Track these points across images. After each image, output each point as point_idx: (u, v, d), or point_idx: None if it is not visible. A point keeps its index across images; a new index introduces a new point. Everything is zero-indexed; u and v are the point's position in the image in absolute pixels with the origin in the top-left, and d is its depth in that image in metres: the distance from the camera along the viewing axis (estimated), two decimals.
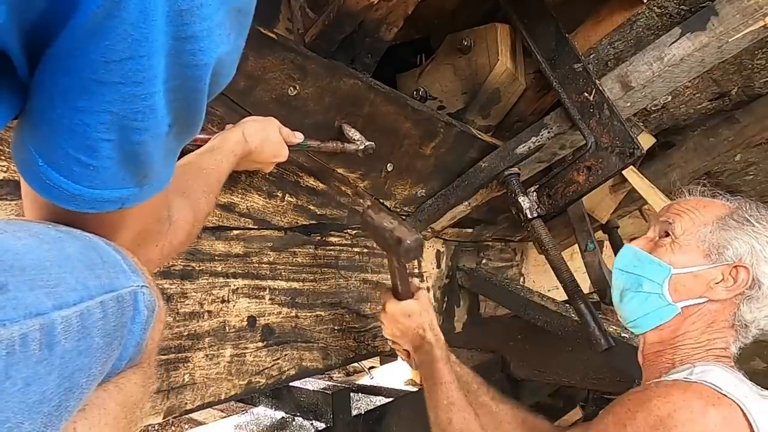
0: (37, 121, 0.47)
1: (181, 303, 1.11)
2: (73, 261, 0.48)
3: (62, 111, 0.45)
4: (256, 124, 1.01)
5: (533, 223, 1.64)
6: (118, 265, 0.53)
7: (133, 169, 0.50)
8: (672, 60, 1.52)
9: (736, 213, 1.08)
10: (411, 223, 1.78)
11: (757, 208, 1.10)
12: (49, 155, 0.48)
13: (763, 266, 1.03)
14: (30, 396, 0.40)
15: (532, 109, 1.84)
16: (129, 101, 0.45)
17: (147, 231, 0.64)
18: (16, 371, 0.39)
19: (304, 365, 1.40)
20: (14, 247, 0.43)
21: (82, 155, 0.47)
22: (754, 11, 1.42)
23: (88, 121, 0.45)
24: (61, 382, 0.43)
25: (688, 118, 2.42)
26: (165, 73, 0.45)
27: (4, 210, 0.85)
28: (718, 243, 1.06)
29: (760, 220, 1.07)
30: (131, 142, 0.47)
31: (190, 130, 0.54)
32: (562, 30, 1.58)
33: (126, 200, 0.52)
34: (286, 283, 1.36)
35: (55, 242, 0.48)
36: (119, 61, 0.43)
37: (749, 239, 1.04)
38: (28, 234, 0.47)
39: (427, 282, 1.93)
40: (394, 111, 1.37)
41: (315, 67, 1.14)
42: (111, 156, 0.47)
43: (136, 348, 0.55)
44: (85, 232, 0.54)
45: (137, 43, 0.42)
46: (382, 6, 1.17)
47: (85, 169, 0.48)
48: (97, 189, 0.49)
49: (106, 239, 0.55)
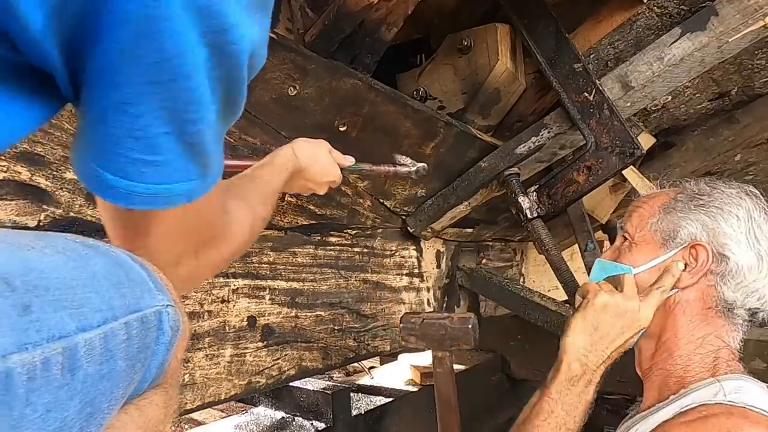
0: (95, 137, 0.50)
1: (181, 303, 1.11)
2: (99, 279, 0.47)
3: (120, 123, 0.47)
4: (306, 143, 1.03)
5: (533, 223, 1.64)
6: (144, 283, 0.52)
7: (194, 159, 0.52)
8: (672, 60, 1.52)
9: (679, 195, 1.04)
10: (412, 223, 1.79)
11: (700, 182, 1.05)
12: (116, 167, 0.50)
13: (722, 239, 0.97)
14: (50, 423, 0.39)
15: (532, 109, 1.84)
16: (182, 94, 0.47)
17: (207, 230, 0.66)
18: (36, 397, 0.38)
19: (304, 365, 1.40)
20: (40, 266, 0.43)
21: (147, 155, 0.49)
22: (754, 11, 1.42)
23: (146, 122, 0.47)
24: (83, 408, 0.42)
25: (688, 118, 2.42)
26: (209, 63, 0.47)
27: (4, 210, 0.85)
28: (668, 229, 1.01)
29: (704, 194, 1.02)
30: (189, 133, 0.50)
31: (234, 114, 0.56)
32: (562, 30, 1.58)
33: (193, 192, 0.55)
34: (286, 283, 1.36)
35: (82, 259, 0.48)
36: (169, 59, 0.44)
37: (697, 215, 1.00)
38: (54, 250, 0.46)
39: (427, 282, 1.93)
40: (394, 111, 1.37)
41: (315, 67, 1.14)
42: (172, 149, 0.50)
43: (159, 369, 0.54)
44: (113, 247, 0.54)
45: (179, 37, 0.44)
46: (382, 6, 1.17)
47: (152, 167, 0.50)
48: (166, 184, 0.52)
49: (133, 255, 0.55)
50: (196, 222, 0.62)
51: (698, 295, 0.99)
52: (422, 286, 1.90)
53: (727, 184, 1.05)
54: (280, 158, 0.97)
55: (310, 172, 1.03)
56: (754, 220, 0.99)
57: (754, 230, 0.98)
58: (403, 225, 1.80)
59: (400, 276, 1.79)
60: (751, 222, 0.98)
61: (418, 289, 1.88)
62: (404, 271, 1.82)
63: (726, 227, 0.98)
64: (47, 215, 0.90)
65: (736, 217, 0.99)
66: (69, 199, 0.93)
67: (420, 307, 1.89)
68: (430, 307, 1.94)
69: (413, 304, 1.85)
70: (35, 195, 0.89)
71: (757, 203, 1.01)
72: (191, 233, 0.63)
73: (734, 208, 1.00)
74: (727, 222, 0.99)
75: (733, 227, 0.98)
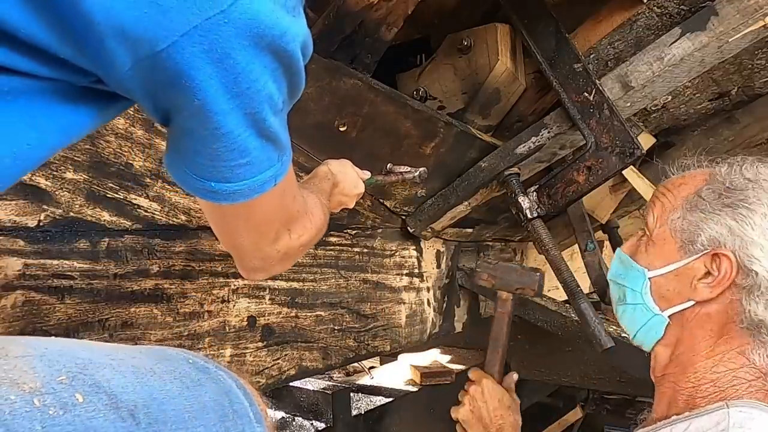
0: (196, 159, 0.59)
1: (181, 303, 1.11)
2: (208, 411, 0.53)
3: (218, 144, 0.56)
4: (334, 161, 1.13)
5: (533, 223, 1.64)
6: (245, 414, 0.58)
7: (271, 146, 0.61)
8: (672, 60, 1.52)
9: (707, 187, 0.87)
10: (412, 223, 1.79)
11: (738, 169, 0.86)
12: (218, 177, 0.60)
13: (751, 249, 0.80)
14: None
15: (532, 109, 1.84)
16: (256, 97, 0.54)
17: (292, 205, 0.75)
18: None
19: (304, 365, 1.40)
20: (160, 396, 0.49)
21: (240, 159, 0.58)
22: (754, 11, 1.42)
23: (237, 134, 0.56)
24: None
25: (688, 118, 2.41)
26: (273, 64, 0.54)
27: (4, 210, 0.85)
28: (688, 230, 0.86)
29: (736, 188, 0.84)
30: (264, 127, 0.58)
31: (296, 95, 0.64)
32: (562, 30, 1.58)
33: (278, 174, 0.64)
34: (286, 283, 1.36)
35: (196, 388, 0.54)
36: (242, 72, 0.52)
37: (724, 218, 0.83)
38: (173, 377, 0.53)
39: (427, 282, 1.93)
40: (394, 111, 1.37)
41: (315, 67, 1.14)
42: (256, 146, 0.58)
43: None
44: (221, 371, 0.60)
45: (247, 50, 0.51)
46: (382, 6, 1.17)
47: (245, 167, 0.59)
48: (256, 176, 0.61)
49: (238, 380, 0.61)
50: (284, 199, 0.71)
51: (720, 308, 0.85)
52: (422, 286, 1.90)
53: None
54: (320, 174, 1.07)
55: (343, 186, 1.11)
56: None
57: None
58: (403, 225, 1.80)
59: (400, 276, 1.79)
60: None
61: (418, 289, 1.88)
62: (404, 271, 1.82)
63: (755, 234, 0.81)
64: (47, 215, 0.91)
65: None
66: (69, 199, 0.93)
67: (420, 308, 1.89)
68: (430, 307, 1.94)
69: (413, 304, 1.85)
70: (35, 195, 0.89)
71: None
72: (282, 210, 0.73)
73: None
74: (757, 228, 0.81)
75: (766, 234, 0.81)
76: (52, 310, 0.91)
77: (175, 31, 0.47)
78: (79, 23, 0.46)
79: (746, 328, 0.82)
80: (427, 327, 1.93)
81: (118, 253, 1.01)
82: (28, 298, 0.89)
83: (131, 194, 1.03)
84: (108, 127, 0.98)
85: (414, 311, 1.86)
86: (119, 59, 0.48)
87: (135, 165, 1.03)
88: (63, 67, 0.49)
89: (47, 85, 0.50)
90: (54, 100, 0.51)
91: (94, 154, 0.96)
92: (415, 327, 1.87)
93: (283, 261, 0.81)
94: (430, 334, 1.95)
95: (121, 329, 1.01)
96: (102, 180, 0.98)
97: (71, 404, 0.43)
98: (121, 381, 0.48)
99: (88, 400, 0.44)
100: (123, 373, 0.49)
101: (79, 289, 0.95)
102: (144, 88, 0.52)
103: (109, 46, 0.47)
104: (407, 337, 1.83)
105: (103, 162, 0.98)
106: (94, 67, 0.50)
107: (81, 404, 0.43)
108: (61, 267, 0.93)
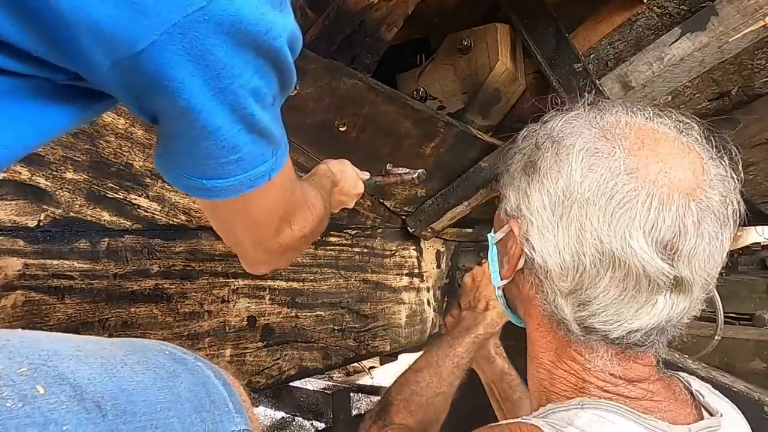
0: (186, 159, 0.59)
1: (181, 303, 1.11)
2: (183, 402, 0.51)
3: (207, 143, 0.56)
4: (334, 161, 1.13)
5: None
6: (224, 404, 0.56)
7: (264, 141, 0.60)
8: (672, 60, 1.52)
9: (525, 138, 0.70)
10: (412, 223, 1.79)
11: (556, 121, 0.66)
12: (210, 174, 0.60)
13: (527, 222, 0.63)
14: None
15: (532, 109, 1.84)
16: (241, 91, 0.54)
17: (292, 198, 0.75)
18: None
19: (304, 365, 1.40)
20: (130, 386, 0.47)
21: (231, 156, 0.58)
22: (754, 11, 1.42)
23: (225, 130, 0.55)
24: None
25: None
26: (257, 59, 0.53)
27: (3, 210, 0.85)
28: (503, 196, 0.71)
29: (549, 138, 0.64)
30: (254, 123, 0.57)
31: (288, 89, 0.63)
32: (562, 30, 1.58)
33: (272, 169, 0.63)
34: (286, 283, 1.36)
35: (170, 379, 0.52)
36: (224, 66, 0.51)
37: (520, 180, 0.66)
38: (145, 367, 0.51)
39: (427, 282, 1.93)
40: (394, 111, 1.37)
41: (315, 67, 1.14)
42: (246, 141, 0.58)
43: None
44: (199, 361, 0.58)
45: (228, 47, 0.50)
46: (382, 6, 1.17)
47: (236, 163, 0.59)
48: (249, 171, 0.61)
49: (218, 371, 0.59)
50: (283, 194, 0.71)
51: (531, 295, 0.68)
52: (422, 286, 1.90)
53: (615, 108, 0.64)
54: (321, 171, 1.06)
55: (343, 186, 1.11)
56: (600, 190, 0.56)
57: (574, 208, 0.58)
58: (403, 225, 1.80)
59: (400, 276, 1.79)
60: (578, 193, 0.58)
61: (418, 289, 1.88)
62: (404, 271, 1.82)
63: (536, 200, 0.62)
64: (47, 215, 0.91)
65: (556, 183, 0.60)
66: (69, 199, 0.93)
67: (420, 307, 1.89)
68: (430, 307, 1.94)
69: (413, 303, 1.85)
70: (35, 195, 0.89)
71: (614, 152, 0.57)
72: (281, 204, 0.72)
73: (564, 166, 0.60)
74: (533, 202, 0.63)
75: (544, 202, 0.61)
76: (52, 310, 0.92)
77: (154, 29, 0.46)
78: (51, 20, 0.45)
79: (556, 327, 0.66)
80: (427, 327, 1.93)
81: (118, 253, 1.01)
82: (28, 298, 0.89)
83: (131, 194, 1.03)
84: (108, 127, 0.98)
85: (414, 311, 1.86)
86: (96, 58, 0.47)
87: (135, 165, 1.03)
88: (39, 64, 0.48)
89: (23, 83, 0.49)
90: (31, 99, 0.50)
91: (94, 154, 0.96)
92: (415, 327, 1.87)
93: (285, 254, 0.81)
94: (430, 334, 1.95)
95: (121, 329, 1.01)
96: (102, 180, 0.98)
97: (31, 396, 0.41)
98: (86, 372, 0.46)
99: (51, 391, 0.42)
100: (90, 364, 0.47)
101: (79, 289, 0.95)
102: (126, 89, 0.51)
103: (84, 45, 0.46)
104: (407, 337, 1.83)
105: (103, 162, 0.98)
106: (73, 66, 0.49)
107: (42, 396, 0.42)
108: (61, 267, 0.93)
